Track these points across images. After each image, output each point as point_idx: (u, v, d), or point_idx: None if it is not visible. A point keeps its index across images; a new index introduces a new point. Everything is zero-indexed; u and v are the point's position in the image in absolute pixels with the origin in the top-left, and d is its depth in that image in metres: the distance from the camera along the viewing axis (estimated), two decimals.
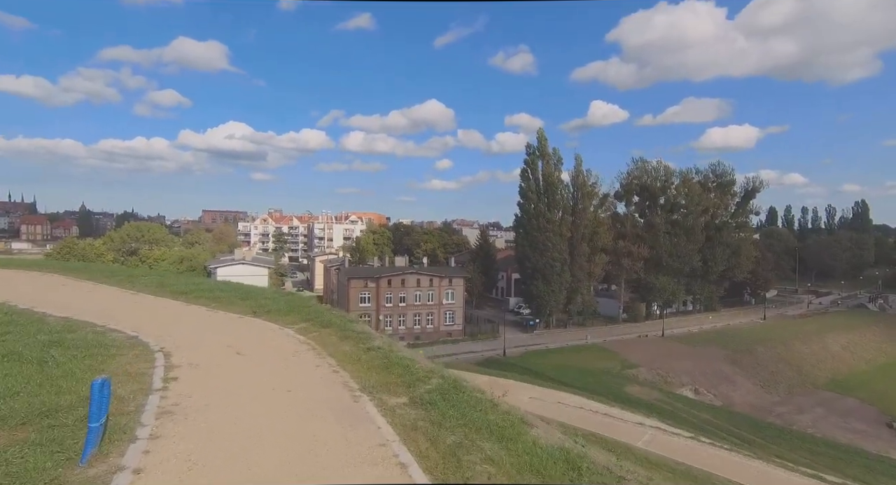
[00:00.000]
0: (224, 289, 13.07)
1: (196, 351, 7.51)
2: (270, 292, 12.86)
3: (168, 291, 12.27)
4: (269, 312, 10.82)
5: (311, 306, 11.35)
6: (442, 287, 69.27)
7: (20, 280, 13.38)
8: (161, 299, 11.70)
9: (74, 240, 78.24)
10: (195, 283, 13.33)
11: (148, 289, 12.64)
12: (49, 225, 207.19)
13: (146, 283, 13.25)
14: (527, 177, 67.85)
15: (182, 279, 13.81)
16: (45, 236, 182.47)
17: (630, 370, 48.43)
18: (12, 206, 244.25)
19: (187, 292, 12.19)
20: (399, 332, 67.51)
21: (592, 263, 68.81)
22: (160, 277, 14.00)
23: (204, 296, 12.01)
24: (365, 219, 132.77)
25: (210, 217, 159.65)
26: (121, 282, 13.47)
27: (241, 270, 71.10)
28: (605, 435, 19.26)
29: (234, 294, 12.32)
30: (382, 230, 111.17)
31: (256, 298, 11.94)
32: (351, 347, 8.21)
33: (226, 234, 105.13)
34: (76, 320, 9.01)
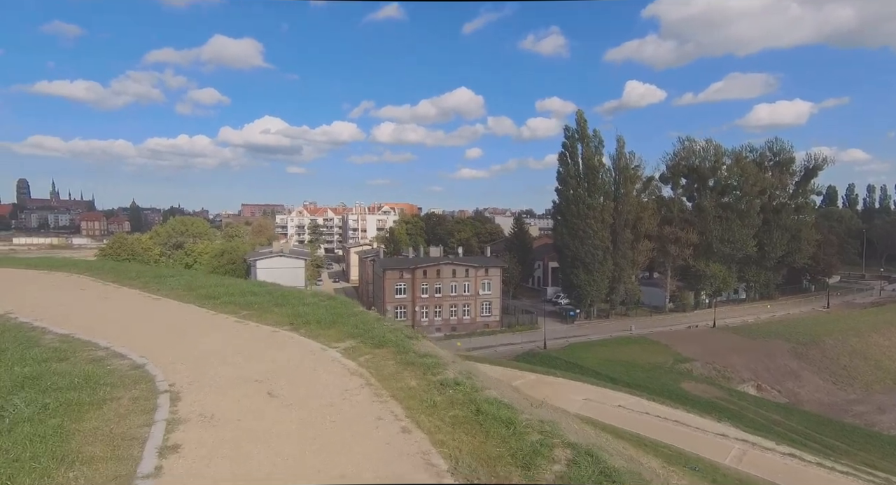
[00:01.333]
0: (257, 292, 11.18)
1: (215, 391, 5.48)
2: (310, 296, 10.83)
3: (195, 296, 10.51)
4: (308, 324, 8.75)
5: (358, 316, 9.21)
6: (478, 277, 66.98)
7: (42, 283, 12.06)
8: (186, 306, 9.93)
9: (124, 235, 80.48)
10: (226, 285, 11.55)
11: (174, 292, 10.94)
12: (105, 221, 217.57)
13: (173, 285, 11.57)
14: (565, 161, 64.08)
15: (212, 280, 12.09)
16: (101, 232, 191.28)
17: (684, 365, 44.79)
18: (73, 204, 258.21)
19: (216, 297, 10.38)
20: (435, 323, 65.91)
21: (636, 251, 64.69)
22: (189, 278, 12.35)
23: (234, 301, 10.15)
24: (397, 209, 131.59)
25: (249, 210, 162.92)
26: (146, 284, 11.86)
27: (279, 262, 71.00)
28: (686, 450, 16.59)
29: (268, 299, 10.40)
30: (415, 220, 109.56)
31: (294, 305, 9.95)
32: (418, 380, 5.96)
33: (264, 226, 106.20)
34: (77, 340, 7.26)
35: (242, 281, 12.71)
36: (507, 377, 30.92)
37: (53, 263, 14.90)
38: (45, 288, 11.42)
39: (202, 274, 12.79)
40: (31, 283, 12.03)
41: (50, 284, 11.98)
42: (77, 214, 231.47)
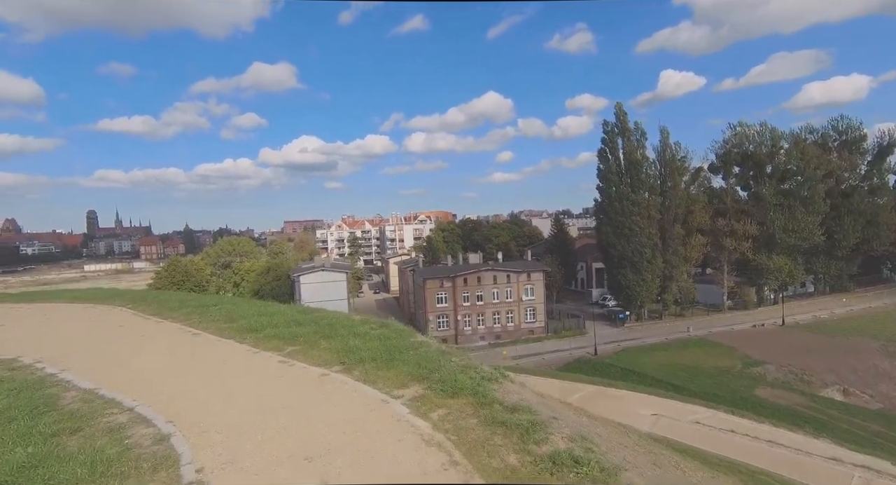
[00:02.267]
0: (302, 321, 9.93)
1: (254, 477, 4.08)
2: (360, 324, 9.46)
3: (236, 329, 9.40)
4: (362, 363, 7.31)
5: (419, 349, 7.71)
6: (520, 283, 64.68)
7: (83, 319, 11.41)
8: (226, 343, 8.79)
9: (178, 258, 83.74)
10: (269, 314, 10.43)
11: (214, 325, 9.89)
12: (161, 245, 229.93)
13: (214, 315, 10.54)
14: (605, 157, 61.00)
15: (254, 309, 11.02)
16: (158, 255, 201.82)
17: (755, 369, 40.72)
18: (133, 230, 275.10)
19: (258, 329, 9.22)
20: (479, 332, 64.06)
21: (688, 246, 60.49)
22: (231, 307, 11.34)
23: (278, 334, 8.93)
24: (433, 217, 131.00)
25: (291, 227, 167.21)
26: (188, 315, 10.91)
27: (322, 276, 71.39)
28: (798, 482, 14.03)
29: (314, 330, 9.14)
30: (451, 227, 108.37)
31: (344, 336, 8.60)
32: (518, 453, 4.31)
33: (306, 242, 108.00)
34: (101, 398, 6.17)
35: (286, 308, 11.53)
36: (565, 392, 28.62)
37: (99, 296, 14.42)
38: (84, 325, 10.70)
39: (245, 301, 11.84)
40: (72, 319, 11.40)
41: (91, 319, 11.28)
42: (137, 240, 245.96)
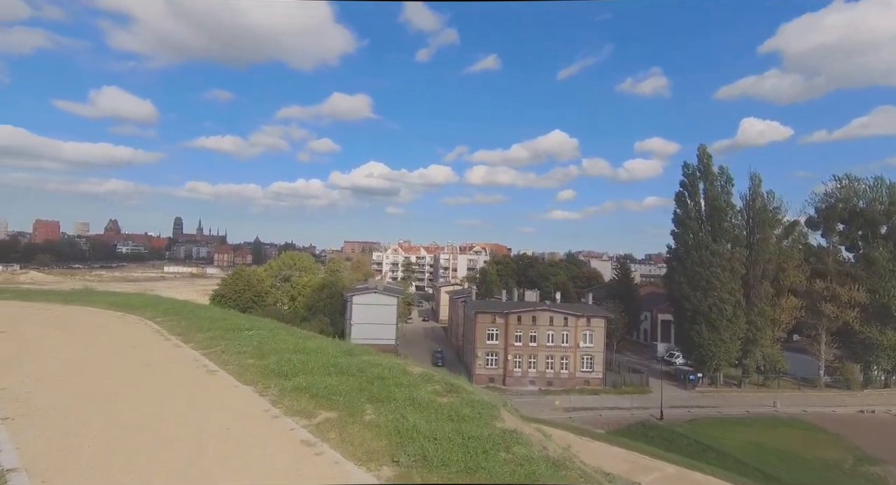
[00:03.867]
0: (345, 367, 7.43)
1: None
2: (421, 382, 6.82)
3: (261, 370, 7.09)
4: (426, 465, 4.54)
5: (516, 453, 4.81)
6: (579, 327, 59.32)
7: (99, 332, 9.54)
8: (242, 392, 6.40)
9: (243, 267, 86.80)
10: (307, 351, 8.09)
11: (238, 359, 7.68)
12: (232, 253, 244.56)
13: (243, 345, 8.36)
14: (684, 202, 55.51)
15: (290, 342, 8.67)
16: (229, 263, 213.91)
17: (872, 468, 32.68)
18: (210, 238, 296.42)
19: (287, 374, 6.85)
20: (529, 375, 58.98)
21: (778, 308, 52.63)
22: (266, 335, 9.21)
23: (310, 386, 6.42)
24: (488, 249, 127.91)
25: (350, 247, 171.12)
26: (213, 340, 8.87)
27: (374, 298, 70.17)
28: None
29: (359, 385, 6.58)
30: (506, 261, 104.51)
31: (398, 403, 5.94)
32: None
33: (362, 263, 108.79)
34: None
35: (328, 344, 9.11)
36: (635, 468, 23.72)
37: (136, 303, 13.02)
38: (93, 342, 8.85)
39: (284, 330, 9.68)
40: (88, 332, 9.70)
41: (108, 335, 9.51)
42: (212, 247, 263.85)
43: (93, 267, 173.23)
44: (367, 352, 8.84)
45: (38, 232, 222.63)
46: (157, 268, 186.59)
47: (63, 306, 13.01)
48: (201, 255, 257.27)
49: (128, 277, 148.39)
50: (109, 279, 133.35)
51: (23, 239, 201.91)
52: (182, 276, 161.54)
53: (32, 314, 11.52)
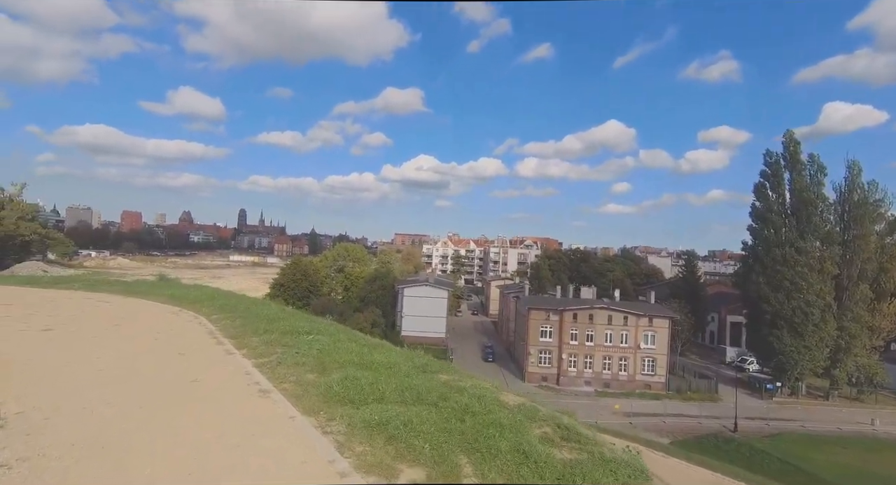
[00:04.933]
0: (424, 392, 5.83)
1: None
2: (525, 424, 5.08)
3: (322, 392, 5.55)
4: None
5: None
6: (640, 327, 55.29)
7: (151, 328, 8.68)
8: (298, 426, 4.85)
9: (300, 258, 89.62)
10: (376, 366, 6.58)
11: (296, 373, 6.26)
12: (290, 244, 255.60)
13: (302, 354, 7.00)
14: (764, 193, 49.70)
15: (356, 352, 7.20)
16: (287, 253, 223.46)
17: None
18: (272, 229, 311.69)
19: (356, 400, 5.35)
20: (585, 376, 55.86)
21: (878, 313, 45.98)
22: (329, 341, 7.76)
23: (386, 421, 4.82)
24: (539, 243, 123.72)
25: (400, 239, 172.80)
26: (270, 346, 7.63)
27: (424, 291, 69.53)
28: None
29: (446, 418, 5.00)
30: (558, 255, 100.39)
31: (499, 449, 4.28)
32: None
33: (412, 255, 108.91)
34: None
35: (400, 356, 7.60)
36: None
37: (193, 297, 12.30)
38: (140, 346, 7.72)
39: (347, 335, 8.26)
40: (137, 331, 8.76)
41: (157, 338, 8.45)
42: (273, 238, 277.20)
43: (168, 255, 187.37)
44: (444, 368, 7.25)
45: (124, 222, 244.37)
46: (223, 256, 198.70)
47: (123, 299, 12.60)
48: (262, 245, 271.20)
49: (199, 264, 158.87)
50: (182, 266, 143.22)
51: (112, 228, 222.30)
52: (245, 264, 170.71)
53: (91, 308, 11.03)
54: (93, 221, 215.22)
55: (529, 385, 55.95)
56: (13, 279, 13.61)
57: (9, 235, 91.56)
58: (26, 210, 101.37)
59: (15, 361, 6.40)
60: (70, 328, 8.07)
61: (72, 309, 10.22)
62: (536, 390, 54.41)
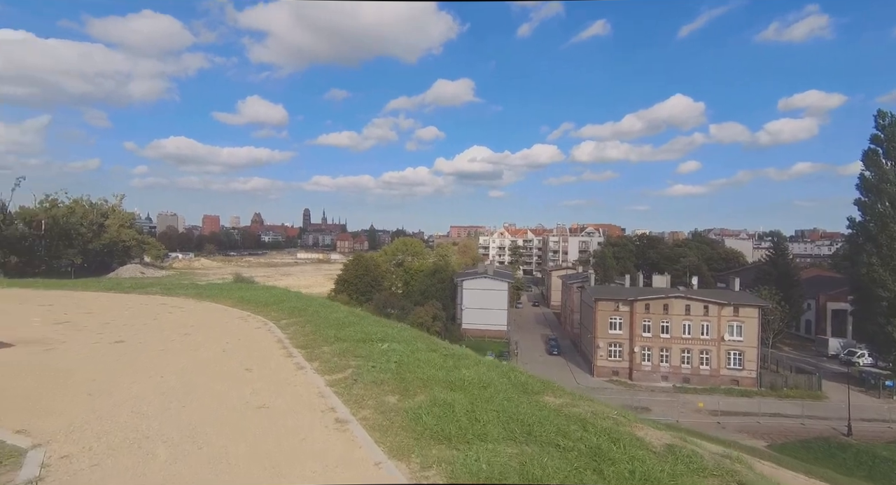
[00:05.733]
0: (533, 422, 4.51)
1: None
2: (662, 451, 3.58)
3: (409, 420, 4.45)
4: None
5: None
6: (723, 317, 50.25)
7: (216, 339, 7.90)
8: (386, 477, 3.90)
9: (362, 253, 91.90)
10: (462, 383, 5.30)
11: (375, 394, 5.18)
12: (352, 240, 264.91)
13: (378, 367, 5.90)
14: (876, 162, 42.76)
15: (436, 363, 5.91)
16: (349, 249, 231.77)
17: None
18: (333, 227, 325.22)
19: (451, 435, 4.19)
20: (661, 370, 51.84)
21: None
22: (405, 351, 6.63)
23: (499, 471, 3.66)
24: (601, 230, 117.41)
25: (455, 232, 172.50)
26: (343, 357, 6.58)
27: (484, 283, 68.18)
28: None
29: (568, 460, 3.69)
30: (623, 242, 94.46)
31: None
32: None
33: (469, 247, 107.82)
34: None
35: (491, 371, 6.25)
36: None
37: (263, 299, 11.79)
38: (207, 360, 6.88)
39: (423, 341, 7.10)
40: (205, 341, 8.06)
41: (224, 347, 7.69)
42: (335, 235, 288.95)
43: (243, 254, 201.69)
44: (547, 387, 5.85)
45: (205, 225, 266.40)
46: (291, 255, 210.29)
47: (195, 304, 12.54)
48: (326, 242, 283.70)
49: (269, 262, 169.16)
50: (255, 265, 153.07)
51: (195, 232, 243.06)
52: (311, 261, 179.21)
53: (164, 315, 10.91)
54: (178, 226, 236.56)
55: (599, 380, 53.01)
56: (99, 285, 14.25)
57: (113, 241, 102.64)
58: (126, 218, 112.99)
59: (80, 379, 5.96)
60: (141, 338, 7.76)
61: (146, 317, 10.11)
62: (607, 385, 51.41)
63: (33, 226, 79.99)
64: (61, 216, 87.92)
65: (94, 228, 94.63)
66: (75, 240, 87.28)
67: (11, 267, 78.17)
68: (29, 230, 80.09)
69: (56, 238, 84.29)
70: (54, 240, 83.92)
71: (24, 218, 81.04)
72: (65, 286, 15.10)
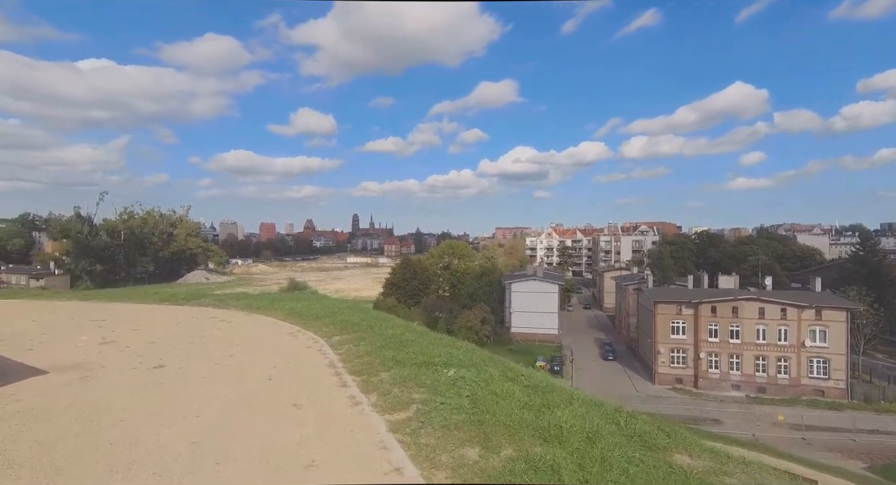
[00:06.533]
0: None
1: None
2: None
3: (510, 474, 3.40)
4: None
5: None
6: (803, 321, 45.16)
7: (267, 369, 6.69)
8: None
9: (409, 256, 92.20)
10: (576, 432, 4.01)
11: (451, 446, 4.06)
12: (398, 244, 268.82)
13: (448, 407, 4.67)
14: None
15: (517, 396, 4.67)
16: (396, 253, 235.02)
17: None
18: (380, 231, 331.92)
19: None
20: (731, 378, 47.36)
21: None
22: (475, 378, 5.44)
23: None
24: (656, 228, 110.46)
25: (501, 233, 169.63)
26: (402, 388, 5.42)
27: (533, 285, 65.76)
28: None
29: None
30: (681, 240, 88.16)
31: None
32: None
33: (515, 248, 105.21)
34: None
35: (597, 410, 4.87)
36: None
37: (315, 312, 10.91)
38: (252, 392, 5.76)
39: (493, 364, 5.99)
40: (251, 364, 6.96)
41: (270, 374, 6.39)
42: (383, 239, 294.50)
43: (296, 259, 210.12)
44: (675, 438, 4.38)
45: (262, 232, 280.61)
46: (341, 259, 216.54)
47: (245, 317, 11.97)
48: (374, 246, 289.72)
49: (321, 267, 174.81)
50: (308, 269, 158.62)
51: (253, 239, 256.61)
52: (360, 265, 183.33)
53: (211, 330, 10.34)
54: (238, 234, 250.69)
55: (660, 387, 49.27)
56: (158, 295, 14.24)
57: (181, 249, 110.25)
58: (192, 228, 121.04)
59: (106, 422, 5.15)
60: (182, 362, 7.08)
61: (193, 333, 9.56)
62: (670, 393, 47.55)
63: (114, 236, 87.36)
64: (137, 227, 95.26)
65: (164, 237, 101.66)
66: (149, 248, 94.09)
67: (97, 274, 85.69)
68: (111, 240, 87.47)
69: (132, 247, 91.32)
70: (131, 249, 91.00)
71: (107, 229, 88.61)
72: (125, 298, 15.23)
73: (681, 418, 42.38)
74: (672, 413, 42.84)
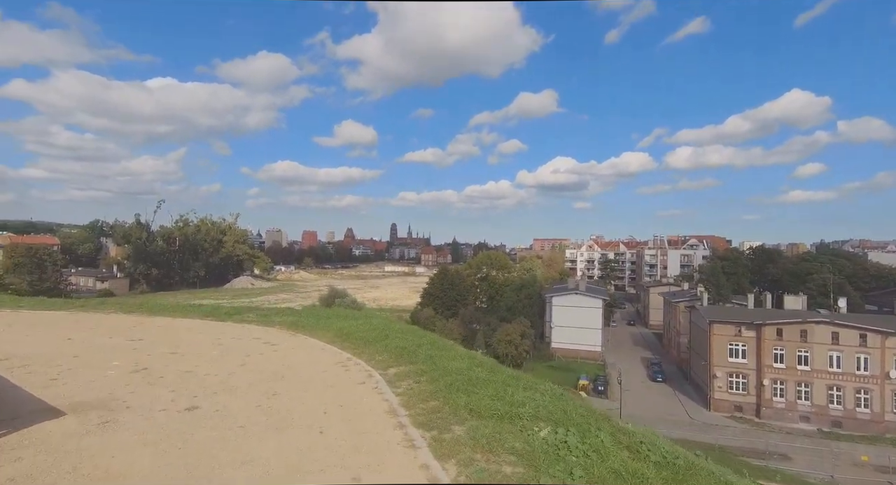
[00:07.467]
0: None
1: None
2: None
3: None
4: None
5: None
6: (888, 349, 40.26)
7: (312, 416, 4.92)
8: None
9: (446, 266, 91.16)
10: None
11: None
12: (435, 254, 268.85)
13: (557, 482, 3.53)
14: None
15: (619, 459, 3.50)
16: (433, 262, 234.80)
17: None
18: (418, 241, 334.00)
19: None
20: (800, 409, 42.65)
21: None
22: (584, 447, 4.10)
23: None
24: (706, 242, 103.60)
25: (539, 245, 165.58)
26: (489, 452, 4.09)
27: (575, 300, 62.70)
28: None
29: None
30: (735, 256, 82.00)
31: None
32: None
33: (555, 260, 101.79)
34: None
35: None
36: None
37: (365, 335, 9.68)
38: (293, 451, 4.70)
39: (602, 426, 4.71)
40: (292, 407, 5.32)
41: (317, 422, 4.96)
42: (419, 249, 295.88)
43: (336, 267, 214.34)
44: None
45: (304, 240, 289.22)
46: (379, 267, 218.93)
47: (290, 337, 11.01)
48: (411, 255, 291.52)
49: (359, 275, 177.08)
50: (347, 277, 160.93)
51: (296, 246, 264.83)
52: (397, 274, 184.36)
53: (254, 355, 9.28)
54: (282, 241, 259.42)
55: (717, 414, 45.05)
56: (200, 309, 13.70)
57: (229, 255, 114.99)
58: (240, 235, 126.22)
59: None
60: (220, 402, 6.05)
61: (234, 360, 8.60)
62: (728, 422, 43.26)
63: (170, 242, 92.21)
64: (191, 233, 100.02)
65: (214, 243, 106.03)
66: (200, 254, 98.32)
67: (153, 279, 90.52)
68: (166, 246, 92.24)
69: (186, 253, 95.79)
70: (185, 254, 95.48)
71: (163, 236, 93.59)
72: (168, 311, 14.78)
73: (743, 451, 38.17)
74: (732, 445, 38.79)
